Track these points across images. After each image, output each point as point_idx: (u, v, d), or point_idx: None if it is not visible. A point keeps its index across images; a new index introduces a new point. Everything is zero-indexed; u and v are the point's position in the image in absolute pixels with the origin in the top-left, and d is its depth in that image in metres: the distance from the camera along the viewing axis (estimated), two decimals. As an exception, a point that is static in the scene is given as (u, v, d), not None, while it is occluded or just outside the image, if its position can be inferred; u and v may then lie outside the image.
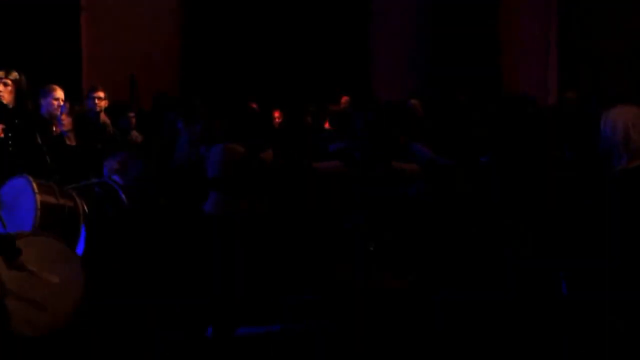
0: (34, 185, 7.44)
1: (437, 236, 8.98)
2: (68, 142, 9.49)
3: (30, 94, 9.62)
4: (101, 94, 11.50)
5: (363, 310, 8.12)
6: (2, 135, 8.42)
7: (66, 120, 9.57)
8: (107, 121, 11.37)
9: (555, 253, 7.15)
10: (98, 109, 11.26)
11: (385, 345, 7.88)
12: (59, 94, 9.85)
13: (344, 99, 13.93)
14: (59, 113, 9.69)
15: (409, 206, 8.98)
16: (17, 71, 9.37)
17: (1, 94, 9.04)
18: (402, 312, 8.27)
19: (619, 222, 5.16)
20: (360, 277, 8.41)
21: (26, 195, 7.44)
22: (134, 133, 11.69)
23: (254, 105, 12.37)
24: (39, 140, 9.00)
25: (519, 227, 8.30)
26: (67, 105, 9.73)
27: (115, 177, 8.76)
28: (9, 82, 9.19)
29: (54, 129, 9.75)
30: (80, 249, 7.62)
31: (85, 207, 7.85)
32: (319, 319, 8.12)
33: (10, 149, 8.46)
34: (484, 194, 9.12)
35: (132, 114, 12.16)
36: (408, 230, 8.82)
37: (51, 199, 7.54)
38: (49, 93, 9.83)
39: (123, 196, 8.60)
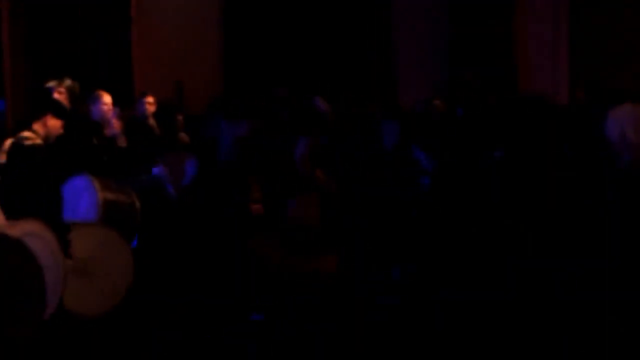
0: (96, 183, 7.68)
1: (438, 236, 8.58)
2: (119, 143, 9.71)
3: (84, 100, 9.88)
4: (150, 100, 11.71)
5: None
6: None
7: (116, 124, 9.77)
8: (154, 124, 11.63)
9: (556, 253, 6.68)
10: (147, 113, 11.50)
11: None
12: (107, 99, 9.89)
13: None
14: (109, 117, 9.94)
15: (410, 207, 8.77)
16: (69, 79, 9.65)
17: (56, 98, 9.31)
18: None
19: (619, 221, 5.08)
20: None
21: (89, 192, 7.64)
22: (182, 135, 11.75)
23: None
24: (95, 142, 9.28)
25: (519, 227, 7.72)
26: (117, 109, 9.95)
27: (164, 175, 9.02)
28: (63, 90, 9.41)
29: (106, 131, 9.82)
30: (135, 239, 7.87)
31: (138, 202, 8.15)
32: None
33: (68, 149, 8.46)
34: (484, 194, 8.58)
35: (179, 117, 12.35)
36: (408, 229, 8.56)
37: (111, 195, 7.72)
38: (97, 99, 9.86)
39: (171, 191, 8.85)
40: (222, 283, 7.79)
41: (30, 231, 6.05)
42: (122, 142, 9.68)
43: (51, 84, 9.51)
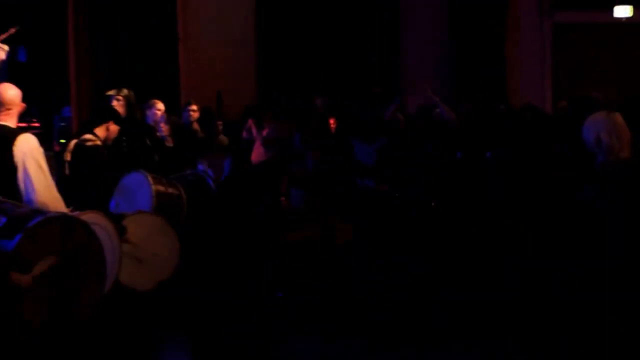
0: (150, 177, 7.66)
1: (438, 236, 8.27)
2: (167, 144, 9.73)
3: (139, 106, 9.91)
4: (194, 107, 11.70)
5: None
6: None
7: (165, 127, 9.78)
8: (198, 128, 11.64)
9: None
10: (192, 119, 11.52)
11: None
12: (160, 106, 9.96)
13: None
14: (160, 121, 9.96)
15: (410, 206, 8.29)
16: (126, 89, 9.67)
17: (115, 107, 9.35)
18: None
19: (600, 213, 4.89)
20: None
21: (144, 186, 7.60)
22: (221, 137, 11.74)
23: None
24: (148, 142, 9.30)
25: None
26: (166, 115, 9.96)
27: (209, 171, 9.02)
28: (121, 97, 9.41)
29: (157, 133, 9.86)
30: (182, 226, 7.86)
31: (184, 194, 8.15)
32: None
33: (124, 149, 8.54)
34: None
35: (219, 122, 12.32)
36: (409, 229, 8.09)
37: (162, 188, 7.71)
38: (152, 106, 9.95)
39: (212, 185, 8.85)
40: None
41: (92, 220, 6.08)
42: (169, 143, 9.68)
43: (111, 92, 9.52)
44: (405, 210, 8.33)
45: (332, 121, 12.67)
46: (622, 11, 16.96)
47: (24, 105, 5.98)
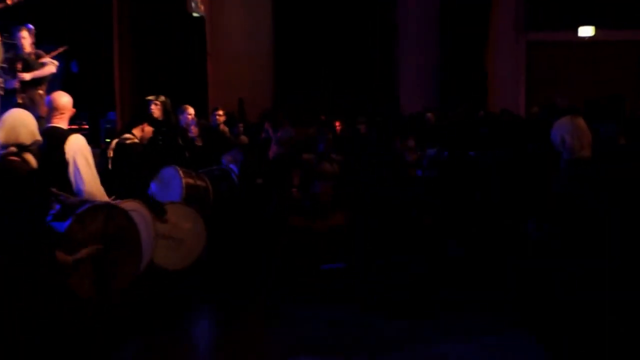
0: (181, 172, 7.68)
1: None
2: (196, 143, 9.74)
3: (173, 111, 9.90)
4: (221, 112, 11.71)
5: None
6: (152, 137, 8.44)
7: (194, 129, 9.79)
8: (226, 129, 11.60)
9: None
10: (218, 122, 11.52)
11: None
12: (191, 111, 9.76)
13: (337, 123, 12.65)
14: (191, 124, 9.96)
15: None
16: (163, 96, 9.67)
17: (153, 110, 9.34)
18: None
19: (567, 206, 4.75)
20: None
21: (176, 179, 7.64)
22: (242, 137, 11.74)
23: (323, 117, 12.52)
24: (180, 142, 9.29)
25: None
26: (196, 119, 9.96)
27: (232, 166, 9.00)
28: (158, 103, 9.43)
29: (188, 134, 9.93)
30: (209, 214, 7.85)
31: (211, 186, 8.15)
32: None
33: (160, 147, 8.53)
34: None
35: (241, 125, 12.33)
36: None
37: (191, 181, 7.71)
38: (184, 110, 9.73)
39: (235, 179, 8.83)
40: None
41: (131, 207, 6.08)
42: (198, 142, 9.68)
43: (150, 97, 9.55)
44: (406, 210, 7.91)
45: (337, 124, 12.68)
46: (586, 31, 17.06)
47: (74, 110, 6.02)
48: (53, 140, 5.61)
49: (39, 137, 4.53)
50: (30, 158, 4.37)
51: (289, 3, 17.56)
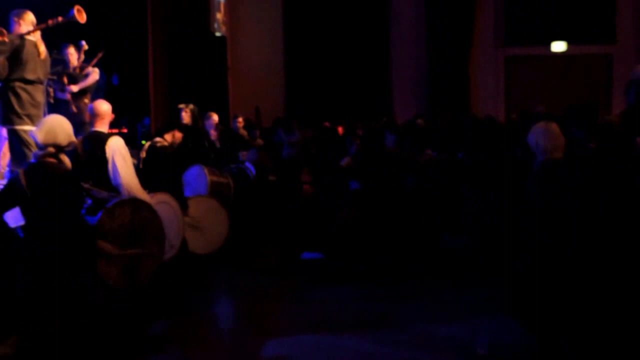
0: (206, 170, 7.73)
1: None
2: (217, 146, 9.75)
3: (200, 117, 9.89)
4: (240, 119, 11.71)
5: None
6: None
7: (213, 133, 9.82)
8: (245, 133, 11.62)
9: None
10: (238, 127, 11.52)
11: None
12: (215, 117, 9.97)
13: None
14: (210, 128, 9.97)
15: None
16: (192, 104, 9.66)
17: (183, 117, 9.33)
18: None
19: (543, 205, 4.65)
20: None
21: (202, 176, 7.69)
22: (259, 140, 11.69)
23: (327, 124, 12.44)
24: (206, 144, 9.30)
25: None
26: (215, 125, 9.98)
27: (248, 164, 8.99)
28: (188, 110, 9.43)
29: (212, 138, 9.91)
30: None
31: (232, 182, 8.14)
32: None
33: (189, 149, 8.61)
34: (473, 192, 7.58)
35: (257, 131, 12.33)
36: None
37: (215, 178, 7.77)
38: (209, 117, 9.94)
39: (252, 176, 8.82)
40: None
41: (162, 200, 6.09)
42: (217, 145, 9.73)
43: (180, 106, 9.54)
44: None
45: (340, 129, 12.59)
46: (559, 46, 16.97)
47: (113, 116, 6.04)
48: (96, 142, 5.66)
49: (73, 139, 4.51)
50: (65, 159, 4.36)
51: (298, 25, 17.57)
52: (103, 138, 5.70)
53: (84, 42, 9.15)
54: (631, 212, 4.67)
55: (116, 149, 5.67)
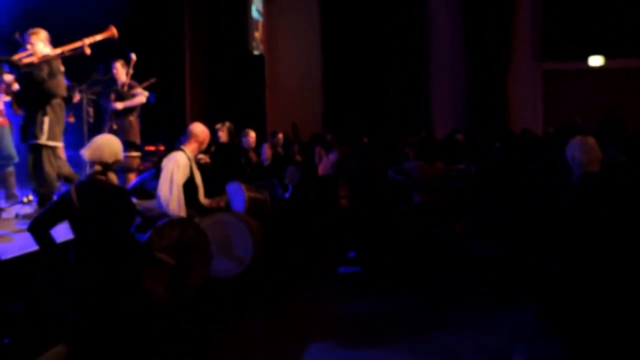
0: (243, 186, 7.62)
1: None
2: (267, 163, 9.85)
3: (237, 134, 10.00)
4: (280, 136, 11.83)
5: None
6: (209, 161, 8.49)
7: (268, 154, 9.93)
8: (281, 151, 11.67)
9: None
10: (279, 143, 11.56)
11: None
12: (252, 134, 10.01)
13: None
14: (252, 146, 10.06)
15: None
16: (228, 122, 9.77)
17: (220, 136, 9.44)
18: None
19: (577, 215, 4.73)
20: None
21: (239, 193, 7.64)
22: (297, 156, 11.66)
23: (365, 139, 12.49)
24: (242, 161, 9.38)
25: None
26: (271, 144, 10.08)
27: (291, 180, 9.02)
28: (225, 129, 9.55)
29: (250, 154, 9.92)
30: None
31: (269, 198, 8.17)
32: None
33: (225, 166, 8.66)
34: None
35: (296, 146, 12.40)
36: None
37: (252, 194, 7.63)
38: (246, 134, 9.99)
39: (291, 191, 8.84)
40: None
41: (219, 220, 6.29)
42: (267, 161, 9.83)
43: (217, 126, 9.63)
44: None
45: (365, 139, 12.60)
46: (595, 61, 16.91)
47: (205, 137, 6.30)
48: (165, 157, 5.95)
49: (120, 158, 4.57)
50: (112, 176, 4.43)
51: (335, 41, 17.68)
52: (169, 153, 5.98)
53: (133, 55, 9.06)
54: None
55: (167, 163, 5.91)
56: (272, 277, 7.36)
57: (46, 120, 6.70)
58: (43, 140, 6.70)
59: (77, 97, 8.47)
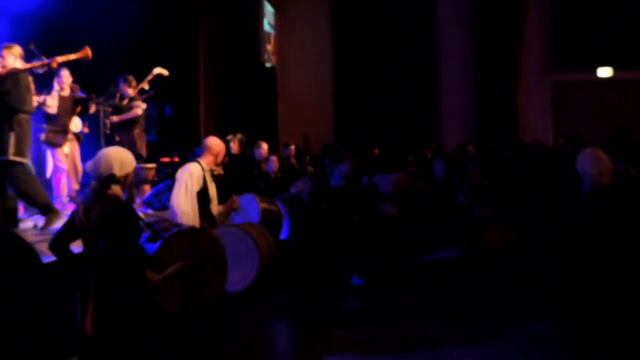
0: (257, 198, 7.64)
1: None
2: (277, 175, 9.86)
3: (249, 146, 10.02)
4: (292, 147, 11.85)
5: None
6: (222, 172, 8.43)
7: (275, 165, 9.99)
8: (294, 162, 11.69)
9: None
10: (290, 156, 11.60)
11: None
12: (265, 146, 9.99)
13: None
14: (265, 157, 10.07)
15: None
16: (240, 133, 9.77)
17: (232, 147, 9.41)
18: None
19: (588, 226, 4.77)
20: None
21: (253, 204, 7.59)
22: (309, 168, 11.75)
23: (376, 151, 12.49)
24: (255, 172, 9.39)
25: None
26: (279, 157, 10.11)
27: (299, 192, 9.01)
28: (236, 140, 9.52)
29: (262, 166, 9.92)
30: (283, 234, 7.80)
31: (282, 210, 8.17)
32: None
33: (238, 177, 8.64)
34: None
35: (307, 157, 12.43)
36: None
37: (266, 206, 7.62)
38: (259, 146, 9.97)
39: (305, 202, 8.82)
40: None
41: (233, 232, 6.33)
42: (278, 174, 9.83)
43: (229, 137, 9.60)
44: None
45: (375, 151, 12.60)
46: (604, 72, 16.90)
47: (220, 150, 6.32)
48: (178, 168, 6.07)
49: (128, 170, 4.50)
50: (117, 189, 4.35)
51: (347, 53, 17.77)
52: (184, 164, 6.11)
53: (156, 69, 9.17)
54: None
55: (182, 173, 6.00)
56: (282, 287, 7.35)
57: (12, 135, 6.57)
58: (10, 156, 6.59)
59: (92, 109, 8.58)
